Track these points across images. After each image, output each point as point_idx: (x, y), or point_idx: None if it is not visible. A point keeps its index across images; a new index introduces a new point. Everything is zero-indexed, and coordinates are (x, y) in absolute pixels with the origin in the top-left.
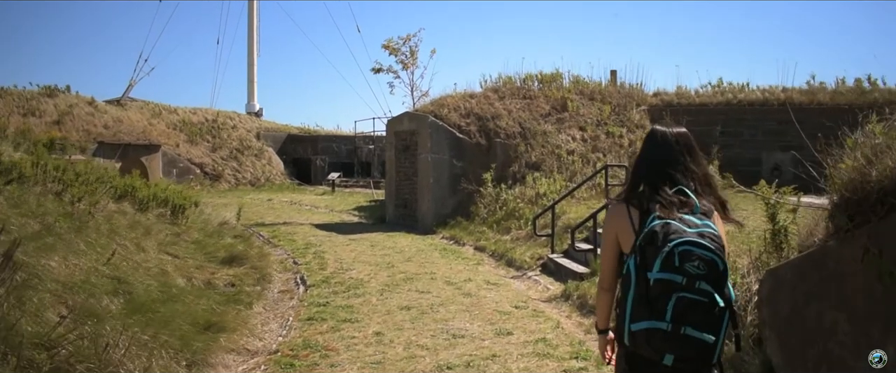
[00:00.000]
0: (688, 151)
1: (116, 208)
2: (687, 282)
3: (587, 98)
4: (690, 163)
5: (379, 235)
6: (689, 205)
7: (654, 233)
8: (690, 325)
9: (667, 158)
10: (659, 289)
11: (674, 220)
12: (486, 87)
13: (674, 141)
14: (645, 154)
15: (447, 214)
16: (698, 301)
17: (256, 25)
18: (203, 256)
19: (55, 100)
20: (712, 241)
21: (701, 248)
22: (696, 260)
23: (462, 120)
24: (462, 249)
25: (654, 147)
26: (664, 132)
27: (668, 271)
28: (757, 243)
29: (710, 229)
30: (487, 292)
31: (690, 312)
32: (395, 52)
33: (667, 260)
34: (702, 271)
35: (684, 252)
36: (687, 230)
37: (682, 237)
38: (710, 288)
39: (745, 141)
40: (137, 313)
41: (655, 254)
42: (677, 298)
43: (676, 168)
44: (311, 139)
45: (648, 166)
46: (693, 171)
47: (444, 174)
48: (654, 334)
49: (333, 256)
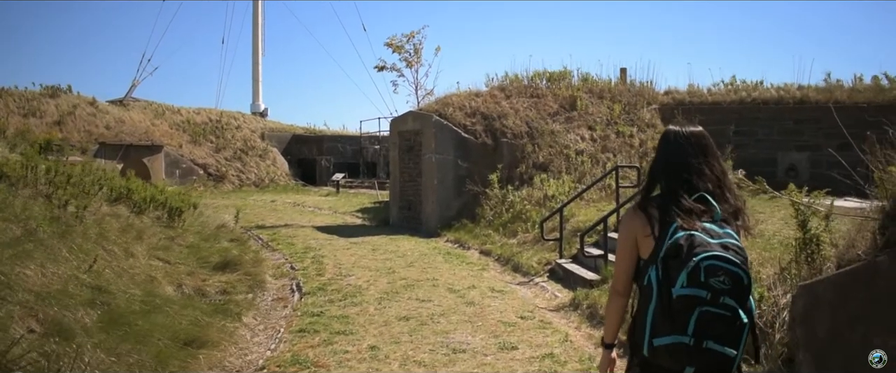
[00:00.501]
0: (704, 152)
1: (110, 211)
2: (711, 297)
3: (596, 97)
4: (707, 164)
5: (381, 239)
6: (709, 212)
7: (679, 246)
8: (712, 339)
9: (683, 160)
10: (682, 304)
11: (697, 231)
12: (493, 85)
13: (689, 142)
14: (660, 156)
15: (452, 217)
16: (721, 315)
17: (261, 25)
18: (195, 261)
19: (57, 100)
20: (737, 254)
21: (727, 262)
22: (722, 275)
23: (467, 119)
24: (467, 254)
25: (669, 149)
26: (678, 132)
27: (693, 287)
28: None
29: (733, 240)
30: (492, 300)
31: (713, 326)
32: (398, 49)
33: (692, 275)
34: (727, 286)
35: (710, 267)
36: (711, 242)
37: (708, 251)
38: (733, 303)
39: (759, 141)
40: (114, 326)
41: (680, 268)
42: (700, 312)
43: (693, 171)
44: (317, 139)
45: (664, 169)
46: (709, 173)
47: (449, 175)
48: (677, 348)
49: (332, 261)
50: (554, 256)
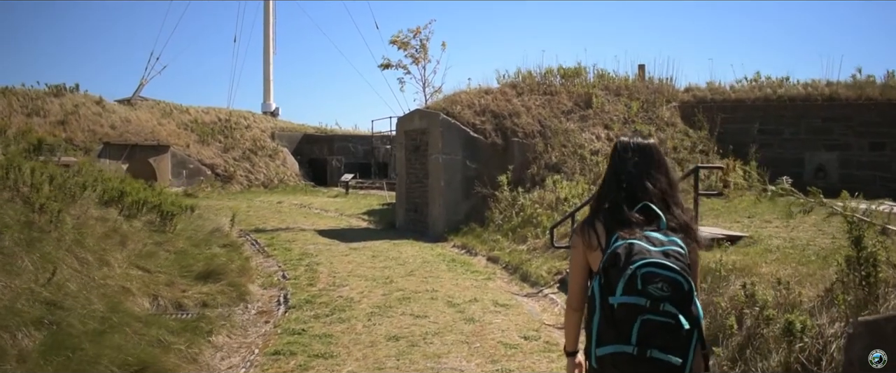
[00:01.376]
0: (649, 164)
1: (98, 215)
2: (651, 304)
3: (613, 94)
4: (651, 176)
5: (384, 244)
6: (654, 222)
7: (617, 255)
8: (656, 347)
9: (628, 172)
10: (623, 312)
11: (638, 240)
12: (504, 82)
13: (636, 154)
14: (608, 168)
15: (459, 220)
16: (664, 323)
17: (272, 23)
18: (178, 270)
19: (61, 99)
20: (677, 260)
21: (664, 269)
22: (660, 282)
23: (476, 118)
24: (473, 261)
25: (616, 161)
26: (626, 143)
27: (631, 294)
28: (816, 263)
29: (676, 247)
30: (494, 316)
31: (656, 334)
32: (404, 46)
33: (629, 283)
34: (666, 293)
35: (647, 274)
36: (651, 250)
37: (645, 258)
38: (674, 310)
39: (785, 140)
40: (56, 351)
41: (618, 276)
42: (642, 321)
43: (637, 183)
44: (327, 139)
45: (611, 181)
46: (652, 186)
47: (457, 176)
48: (619, 357)
49: (328, 269)
50: (565, 264)
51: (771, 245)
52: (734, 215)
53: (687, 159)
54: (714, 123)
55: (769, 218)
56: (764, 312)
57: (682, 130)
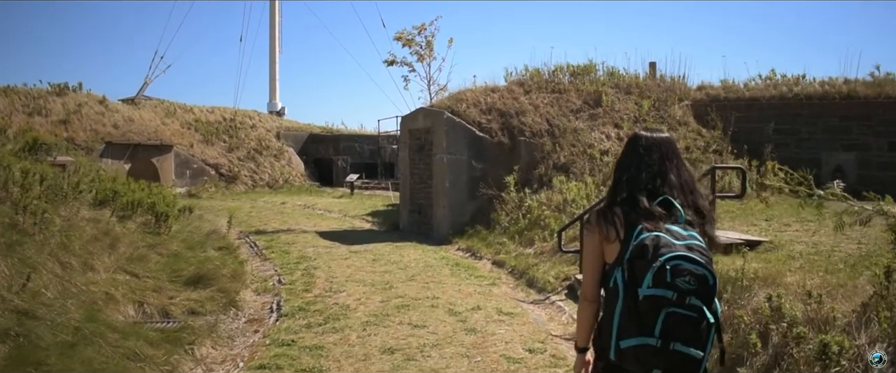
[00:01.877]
0: (668, 157)
1: (90, 217)
2: (678, 297)
3: (623, 92)
4: (672, 169)
5: (386, 246)
6: (673, 215)
7: (645, 247)
8: (679, 340)
9: (647, 165)
10: (648, 304)
11: (662, 232)
12: (511, 80)
13: (655, 147)
14: (627, 161)
15: (465, 222)
16: (687, 316)
17: (278, 22)
18: (168, 274)
19: (64, 98)
20: (702, 254)
21: (692, 262)
22: (687, 275)
23: (482, 116)
24: (477, 265)
25: (637, 154)
26: (647, 137)
27: (659, 287)
28: (845, 272)
29: (697, 241)
30: (498, 326)
31: (680, 327)
32: (409, 43)
33: (658, 275)
34: (693, 286)
35: (676, 268)
36: (675, 243)
37: (673, 251)
38: (699, 303)
39: (802, 140)
40: (19, 366)
41: (645, 269)
42: (667, 313)
43: (660, 176)
44: (333, 139)
45: (631, 174)
46: (674, 178)
47: (462, 177)
48: (643, 350)
49: (325, 274)
50: (573, 270)
51: (794, 251)
52: (750, 218)
53: (700, 159)
54: (728, 123)
55: (787, 221)
56: (793, 329)
57: (695, 130)
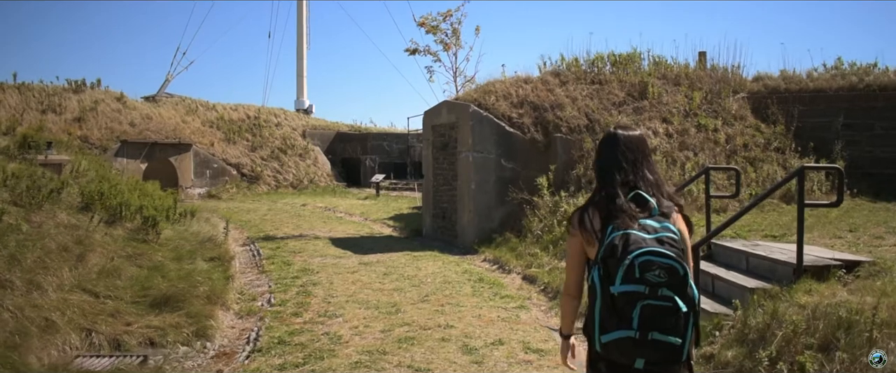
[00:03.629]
0: (638, 154)
1: (69, 222)
2: (650, 291)
3: (671, 83)
4: (648, 167)
5: (403, 257)
6: (647, 209)
7: (614, 246)
8: (657, 330)
9: (618, 162)
10: (624, 300)
11: (633, 229)
12: (546, 71)
13: (625, 144)
14: (605, 160)
15: (493, 229)
16: (662, 307)
17: (306, 17)
18: (135, 293)
19: (80, 95)
20: (671, 246)
21: (660, 256)
22: (657, 269)
23: (513, 110)
24: (505, 280)
25: (608, 151)
26: (615, 134)
27: (630, 283)
28: None
29: (669, 233)
30: (523, 370)
31: (656, 318)
32: (433, 30)
33: (628, 272)
34: (663, 279)
35: (644, 263)
36: (646, 238)
37: (641, 248)
38: (671, 293)
39: (877, 136)
40: None
41: (617, 266)
42: (642, 306)
43: (636, 172)
44: (361, 137)
45: (602, 171)
46: (646, 174)
47: (490, 178)
48: (623, 342)
49: (325, 292)
50: None
51: None
52: (830, 228)
53: (760, 158)
54: (790, 117)
55: (876, 231)
56: None
57: (753, 125)
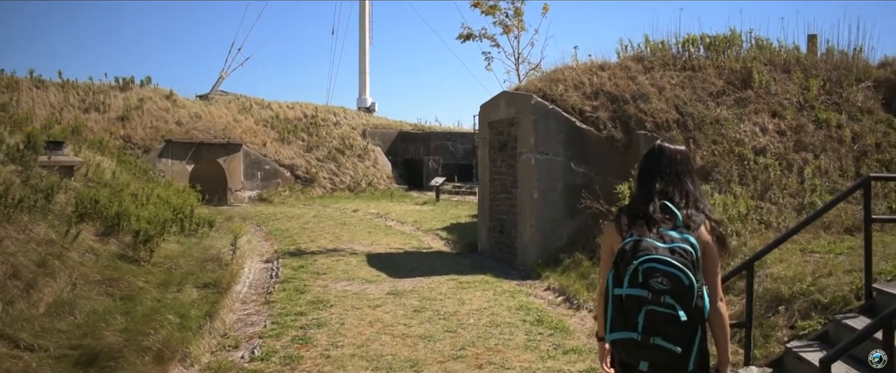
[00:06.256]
0: (676, 168)
1: (44, 237)
2: (653, 296)
3: (780, 70)
4: (686, 181)
5: (446, 283)
6: (672, 219)
7: (624, 250)
8: (659, 336)
9: (658, 173)
10: (630, 302)
11: (649, 237)
12: (626, 55)
13: (663, 156)
14: (640, 167)
15: (560, 247)
16: (663, 313)
17: (368, 11)
18: (67, 343)
19: (126, 93)
20: (681, 257)
21: (665, 264)
22: (660, 276)
23: (586, 102)
24: (571, 321)
25: (648, 161)
26: (661, 147)
27: (633, 287)
28: None
29: (685, 245)
30: None
31: (659, 324)
32: (491, 10)
33: (632, 277)
34: (666, 287)
35: (648, 269)
36: (659, 247)
37: (649, 255)
38: (673, 302)
39: None
40: None
41: (624, 269)
42: (647, 311)
43: (668, 184)
44: (423, 137)
45: (640, 179)
46: (686, 188)
47: (557, 185)
48: (627, 343)
49: (328, 339)
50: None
51: None
52: None
53: None
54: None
55: None
56: None
57: (884, 120)
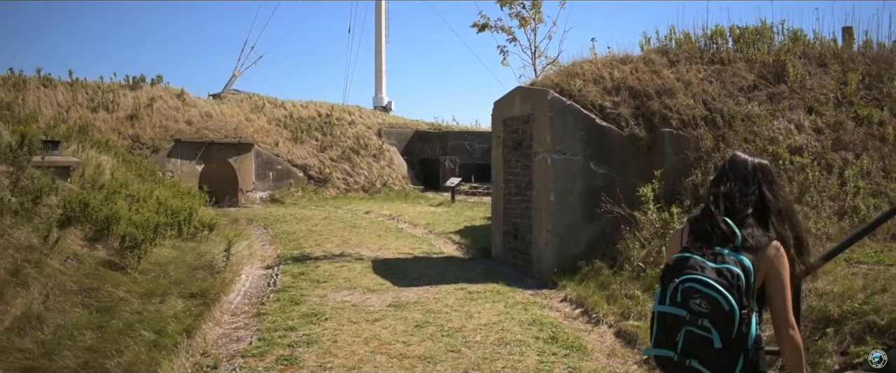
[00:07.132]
0: (746, 181)
1: (23, 243)
2: (690, 317)
3: (815, 64)
4: (766, 193)
5: (455, 293)
6: (732, 239)
7: (668, 266)
8: (696, 358)
9: (720, 185)
10: (670, 320)
11: (698, 254)
12: (649, 48)
13: (734, 168)
14: (717, 181)
15: (578, 254)
16: (700, 336)
17: (385, 9)
18: (21, 365)
19: (136, 92)
20: (727, 280)
21: (706, 286)
22: (698, 297)
23: (606, 97)
24: (589, 337)
25: (718, 173)
26: (733, 157)
27: (672, 306)
28: None
29: (735, 268)
30: None
31: (696, 346)
32: (506, 1)
33: (672, 295)
34: (705, 309)
35: (687, 289)
36: (707, 266)
37: (692, 274)
38: (709, 325)
39: None
40: None
41: (666, 286)
42: (686, 331)
43: (734, 199)
44: (440, 136)
45: (712, 192)
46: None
47: (575, 187)
48: (665, 360)
49: (317, 360)
50: None
51: None
52: None
53: None
54: None
55: None
56: None
57: None
